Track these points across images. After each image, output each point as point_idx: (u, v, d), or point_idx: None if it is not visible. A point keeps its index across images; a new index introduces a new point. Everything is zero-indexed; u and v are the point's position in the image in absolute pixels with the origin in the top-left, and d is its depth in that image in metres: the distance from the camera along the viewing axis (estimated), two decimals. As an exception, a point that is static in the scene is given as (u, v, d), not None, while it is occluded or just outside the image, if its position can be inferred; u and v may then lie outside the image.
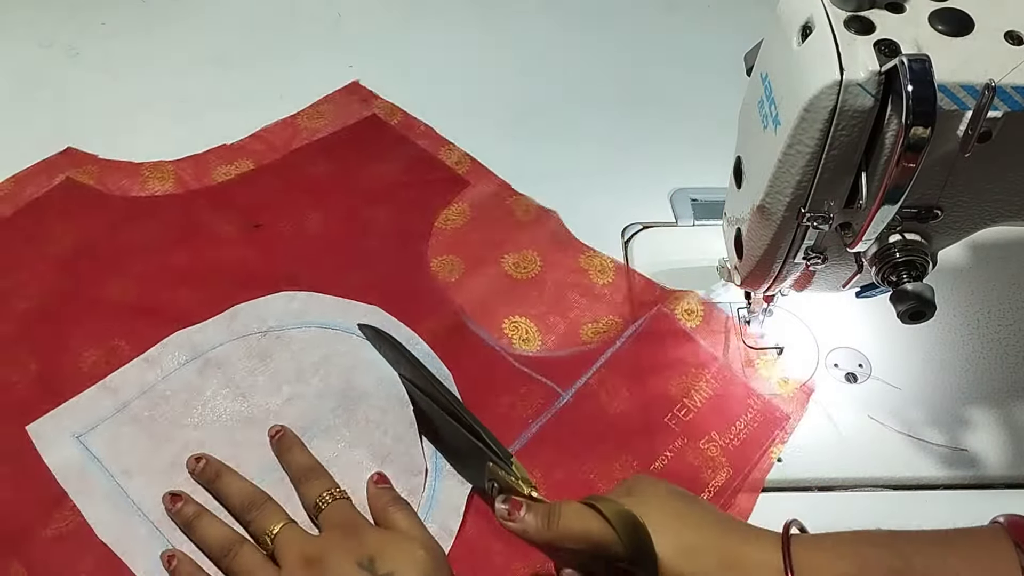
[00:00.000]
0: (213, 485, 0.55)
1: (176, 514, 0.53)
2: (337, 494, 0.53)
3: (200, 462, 0.56)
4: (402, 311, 0.64)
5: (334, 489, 0.53)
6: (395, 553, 0.48)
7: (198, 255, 0.67)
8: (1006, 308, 0.65)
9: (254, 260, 0.67)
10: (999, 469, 0.57)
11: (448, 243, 0.69)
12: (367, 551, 0.48)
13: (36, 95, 0.80)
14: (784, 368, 0.62)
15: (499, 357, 0.62)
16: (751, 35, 0.50)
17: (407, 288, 0.66)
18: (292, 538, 0.51)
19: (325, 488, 0.53)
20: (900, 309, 0.48)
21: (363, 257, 0.68)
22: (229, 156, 0.74)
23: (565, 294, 0.66)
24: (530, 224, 0.71)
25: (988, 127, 0.42)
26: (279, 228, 0.69)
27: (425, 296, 0.65)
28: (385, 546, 0.49)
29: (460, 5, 0.90)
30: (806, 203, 0.47)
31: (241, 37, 0.86)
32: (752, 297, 0.61)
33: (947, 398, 0.60)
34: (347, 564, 0.48)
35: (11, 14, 0.87)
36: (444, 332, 0.63)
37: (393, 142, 0.76)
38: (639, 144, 0.78)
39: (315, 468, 0.55)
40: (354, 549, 0.49)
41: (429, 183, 0.73)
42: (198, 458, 0.56)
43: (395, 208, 0.71)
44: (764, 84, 0.47)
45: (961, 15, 0.43)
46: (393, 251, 0.68)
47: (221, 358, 0.61)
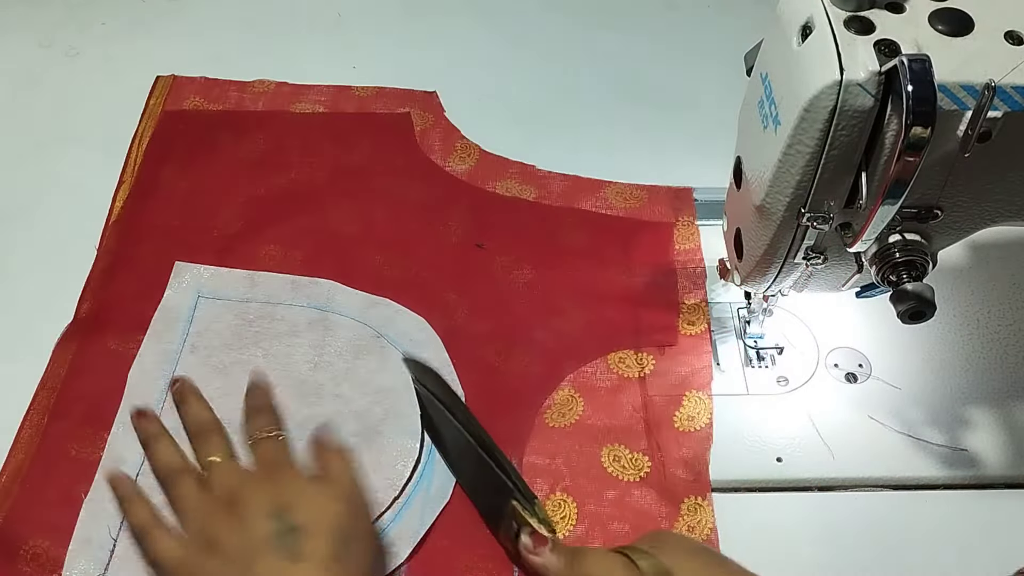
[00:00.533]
0: (179, 408, 0.56)
1: (138, 430, 0.55)
2: (271, 432, 0.53)
3: (176, 384, 0.57)
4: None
5: (271, 427, 0.53)
6: (309, 504, 0.48)
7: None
8: (1006, 308, 0.65)
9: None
10: (999, 469, 0.57)
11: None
12: (284, 497, 0.48)
13: (36, 95, 0.80)
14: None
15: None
16: (751, 35, 0.50)
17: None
18: (224, 472, 0.51)
19: (262, 424, 0.53)
20: (900, 309, 0.48)
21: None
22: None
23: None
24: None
25: (988, 127, 0.42)
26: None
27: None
28: (301, 495, 0.48)
29: (460, 5, 0.90)
30: (806, 203, 0.47)
31: (241, 37, 0.86)
32: (752, 297, 0.61)
33: (947, 398, 0.60)
34: (261, 510, 0.47)
35: (11, 14, 0.87)
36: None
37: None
38: (639, 144, 0.77)
39: (264, 406, 0.56)
40: (272, 493, 0.48)
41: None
42: (175, 380, 0.58)
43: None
44: (764, 84, 0.47)
45: (961, 15, 0.43)
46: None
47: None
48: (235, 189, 0.71)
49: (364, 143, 0.75)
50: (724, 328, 0.64)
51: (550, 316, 0.64)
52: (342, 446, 0.53)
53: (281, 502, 0.48)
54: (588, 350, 0.62)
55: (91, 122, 0.78)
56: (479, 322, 0.64)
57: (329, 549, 0.46)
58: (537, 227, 0.70)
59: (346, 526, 0.47)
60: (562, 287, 0.66)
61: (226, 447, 0.53)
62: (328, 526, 0.47)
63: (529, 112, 0.80)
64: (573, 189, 0.73)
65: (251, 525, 0.47)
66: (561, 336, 0.63)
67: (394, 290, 0.65)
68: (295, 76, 0.82)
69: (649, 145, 0.77)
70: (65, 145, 0.76)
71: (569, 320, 0.64)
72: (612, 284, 0.66)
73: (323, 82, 0.81)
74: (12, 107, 0.78)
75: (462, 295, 0.65)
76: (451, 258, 0.67)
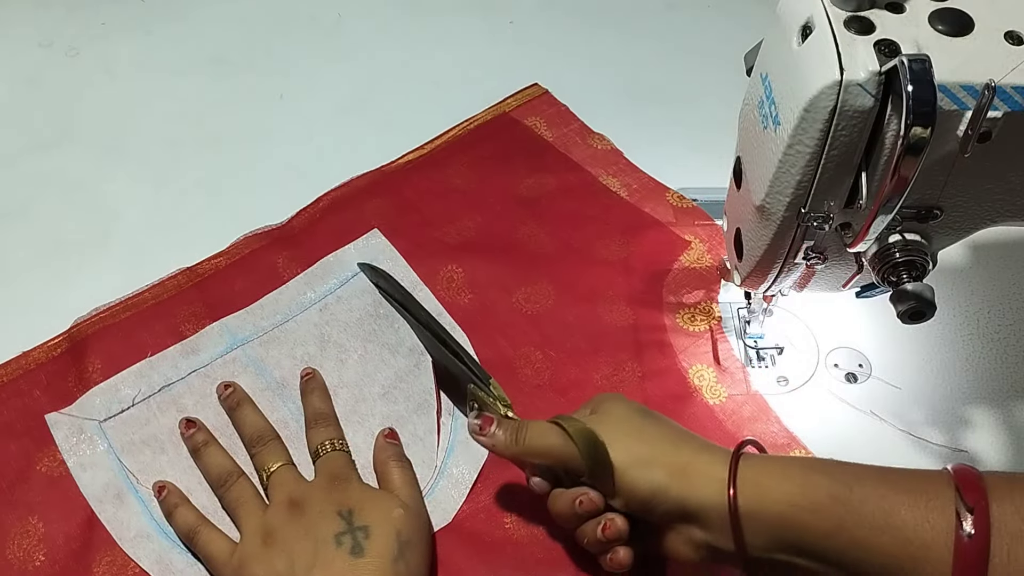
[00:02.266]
0: (233, 414, 0.57)
1: (188, 439, 0.56)
2: (338, 444, 0.55)
3: (228, 389, 0.58)
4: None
5: (337, 440, 0.55)
6: (374, 508, 0.50)
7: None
8: (1006, 308, 0.65)
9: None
10: (999, 469, 0.57)
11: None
12: (349, 503, 0.50)
13: (36, 95, 0.80)
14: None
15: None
16: (751, 35, 0.50)
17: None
18: (285, 478, 0.53)
19: (329, 437, 0.55)
20: (900, 309, 0.48)
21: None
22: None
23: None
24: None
25: (988, 127, 0.42)
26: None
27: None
28: (366, 500, 0.51)
29: (459, 5, 0.90)
30: (806, 203, 0.47)
31: (241, 37, 0.86)
32: (752, 297, 0.61)
33: (947, 398, 0.60)
34: (328, 511, 0.50)
35: (11, 14, 0.87)
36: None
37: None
38: (639, 144, 0.77)
39: (327, 416, 0.57)
40: (337, 499, 0.51)
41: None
42: (227, 384, 0.59)
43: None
44: (764, 84, 0.47)
45: (961, 15, 0.43)
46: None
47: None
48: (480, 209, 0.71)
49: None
50: (724, 328, 0.64)
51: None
52: (402, 454, 0.56)
53: (346, 506, 0.50)
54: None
55: (91, 122, 0.78)
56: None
57: (391, 549, 0.48)
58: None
59: (406, 530, 0.50)
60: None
61: (285, 455, 0.55)
62: (390, 528, 0.49)
63: (529, 112, 0.80)
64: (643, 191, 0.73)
65: (316, 523, 0.49)
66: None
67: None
68: (295, 75, 0.82)
69: (649, 145, 0.77)
70: (65, 145, 0.76)
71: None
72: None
73: (323, 82, 0.81)
74: (12, 107, 0.78)
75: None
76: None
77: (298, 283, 0.65)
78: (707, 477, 0.46)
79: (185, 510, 0.53)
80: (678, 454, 0.47)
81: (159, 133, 0.77)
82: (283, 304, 0.64)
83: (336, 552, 0.48)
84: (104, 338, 0.62)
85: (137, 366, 0.60)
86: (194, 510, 0.54)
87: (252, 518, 0.51)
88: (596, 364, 0.62)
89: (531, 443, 0.49)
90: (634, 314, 0.64)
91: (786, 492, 0.44)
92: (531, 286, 0.66)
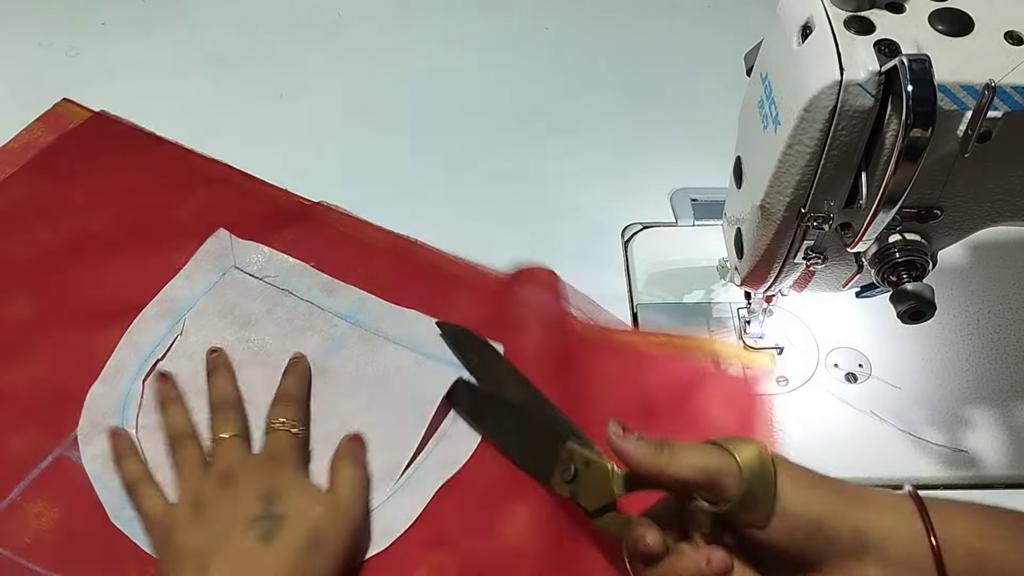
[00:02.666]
0: (209, 377, 0.58)
1: (158, 391, 0.57)
2: (290, 425, 0.54)
3: (213, 353, 0.59)
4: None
5: (291, 421, 0.55)
6: (297, 499, 0.50)
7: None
8: (1006, 308, 0.65)
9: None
10: (999, 469, 0.57)
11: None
12: (276, 488, 0.50)
13: (36, 95, 0.80)
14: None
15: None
16: (751, 35, 0.50)
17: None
18: (229, 449, 0.53)
19: (284, 416, 0.55)
20: (900, 309, 0.48)
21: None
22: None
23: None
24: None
25: (988, 127, 0.42)
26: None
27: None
28: (292, 489, 0.50)
29: (460, 5, 0.90)
30: (806, 203, 0.47)
31: (241, 37, 0.86)
32: (752, 297, 0.61)
33: (947, 398, 0.60)
34: (252, 492, 0.50)
35: (11, 14, 0.87)
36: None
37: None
38: (639, 144, 0.78)
39: (293, 397, 0.56)
40: (267, 482, 0.50)
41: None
42: (213, 349, 0.59)
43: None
44: (764, 84, 0.47)
45: (961, 15, 0.43)
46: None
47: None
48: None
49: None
50: (724, 328, 0.64)
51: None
52: (359, 459, 0.54)
53: (272, 490, 0.50)
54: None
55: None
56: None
57: (301, 543, 0.48)
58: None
59: (323, 528, 0.49)
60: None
61: (239, 426, 0.55)
62: (305, 523, 0.49)
63: (529, 112, 0.80)
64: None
65: (238, 502, 0.49)
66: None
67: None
68: (295, 75, 0.82)
69: (649, 145, 0.77)
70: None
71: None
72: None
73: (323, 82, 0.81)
74: (12, 107, 0.78)
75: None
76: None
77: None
78: (889, 504, 0.41)
79: (131, 461, 0.54)
80: (845, 482, 0.43)
81: (159, 133, 0.76)
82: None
83: (246, 536, 0.48)
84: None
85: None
86: (140, 463, 0.54)
87: (188, 483, 0.52)
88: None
89: (683, 458, 0.42)
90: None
91: (977, 524, 0.41)
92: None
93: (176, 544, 0.49)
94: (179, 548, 0.48)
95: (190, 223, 0.68)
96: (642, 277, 0.68)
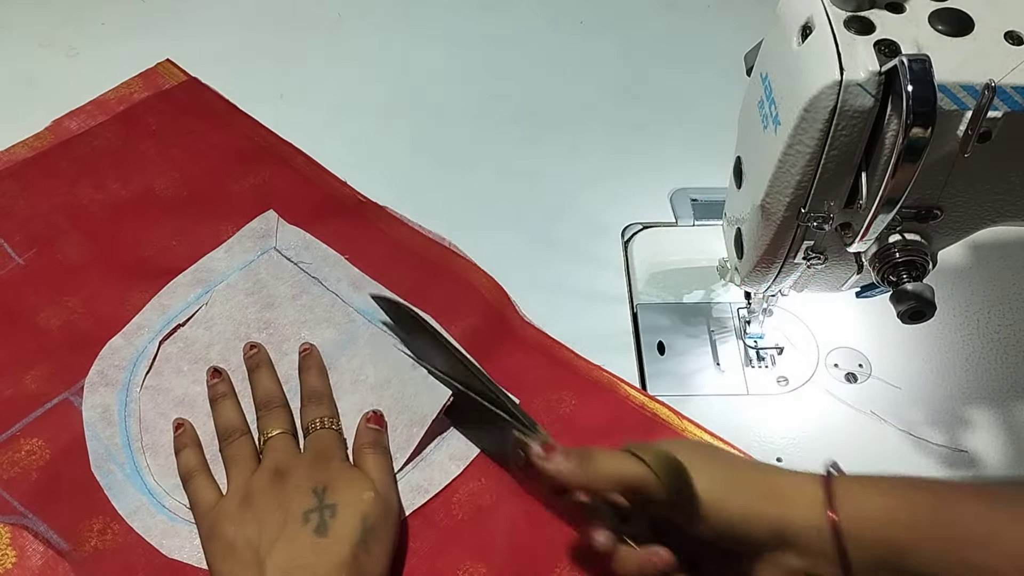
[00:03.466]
0: (251, 375, 0.59)
1: (211, 387, 0.59)
2: (328, 423, 0.56)
3: (252, 349, 0.60)
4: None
5: (328, 418, 0.56)
6: (346, 488, 0.51)
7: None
8: (1006, 308, 0.65)
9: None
10: (999, 469, 0.57)
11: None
12: (325, 480, 0.51)
13: (36, 95, 0.80)
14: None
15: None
16: (751, 35, 0.50)
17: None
18: (279, 446, 0.54)
19: (321, 415, 0.56)
20: (900, 309, 0.48)
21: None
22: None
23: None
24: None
25: (988, 127, 0.42)
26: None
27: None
28: (341, 480, 0.52)
29: (459, 5, 0.90)
30: (806, 203, 0.47)
31: (241, 37, 0.86)
32: (752, 297, 0.61)
33: (947, 398, 0.60)
34: (304, 486, 0.51)
35: (11, 14, 0.87)
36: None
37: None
38: (639, 144, 0.78)
39: (322, 394, 0.58)
40: (317, 476, 0.52)
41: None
42: (253, 345, 0.61)
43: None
44: (764, 84, 0.47)
45: (961, 15, 0.43)
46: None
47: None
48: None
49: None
50: (724, 328, 0.64)
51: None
52: (380, 440, 0.56)
53: (323, 482, 0.51)
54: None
55: (91, 122, 0.78)
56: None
57: (355, 533, 0.49)
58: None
59: (374, 515, 0.50)
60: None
61: (288, 423, 0.56)
62: (357, 510, 0.50)
63: (529, 112, 0.80)
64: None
65: (291, 495, 0.51)
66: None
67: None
68: (295, 75, 0.82)
69: (649, 145, 0.77)
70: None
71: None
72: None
73: (322, 82, 0.81)
74: (12, 107, 0.78)
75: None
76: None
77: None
78: (803, 497, 0.42)
79: (191, 452, 0.55)
80: (762, 474, 0.44)
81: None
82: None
83: (301, 529, 0.49)
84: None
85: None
86: (199, 455, 0.56)
87: (240, 477, 0.53)
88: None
89: (602, 468, 0.44)
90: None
91: (888, 511, 0.42)
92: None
93: (226, 537, 0.50)
94: (230, 540, 0.49)
95: (246, 197, 0.71)
96: (642, 277, 0.68)
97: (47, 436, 0.56)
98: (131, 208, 0.69)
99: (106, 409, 0.57)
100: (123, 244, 0.67)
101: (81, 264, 0.65)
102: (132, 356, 0.60)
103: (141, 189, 0.70)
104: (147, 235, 0.67)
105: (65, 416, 0.57)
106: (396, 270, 0.66)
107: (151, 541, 0.53)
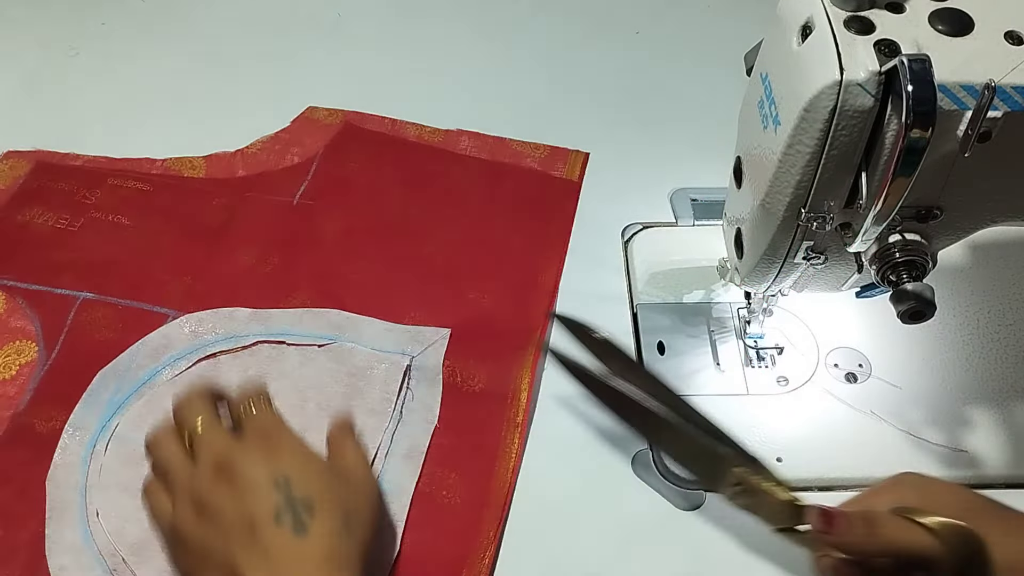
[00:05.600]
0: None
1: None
2: (262, 402, 0.50)
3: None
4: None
5: (262, 397, 0.50)
6: (314, 476, 0.46)
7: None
8: (1006, 308, 0.65)
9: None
10: (999, 469, 0.58)
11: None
12: (285, 469, 0.46)
13: (36, 95, 0.80)
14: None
15: None
16: (751, 35, 0.50)
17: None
18: (208, 438, 0.47)
19: (250, 397, 0.50)
20: (900, 309, 0.48)
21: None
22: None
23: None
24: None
25: (988, 127, 0.42)
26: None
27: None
28: (306, 466, 0.47)
29: (459, 5, 0.90)
30: (806, 203, 0.47)
31: (241, 37, 0.86)
32: (752, 297, 0.61)
33: (947, 398, 0.60)
34: (261, 481, 0.45)
35: (11, 14, 0.87)
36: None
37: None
38: (639, 144, 0.78)
39: (254, 386, 0.51)
40: (272, 465, 0.46)
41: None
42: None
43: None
44: (764, 84, 0.47)
45: (961, 15, 0.43)
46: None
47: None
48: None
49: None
50: (724, 328, 0.64)
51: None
52: (354, 431, 0.53)
53: (280, 473, 0.46)
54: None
55: (91, 122, 0.78)
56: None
57: (336, 525, 0.45)
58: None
59: (352, 499, 0.47)
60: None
61: (210, 410, 0.49)
62: (334, 499, 0.46)
63: (528, 112, 0.80)
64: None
65: (251, 494, 0.45)
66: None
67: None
68: (295, 75, 0.82)
69: (649, 145, 0.77)
70: (64, 145, 0.76)
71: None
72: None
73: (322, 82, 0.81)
74: (12, 107, 0.78)
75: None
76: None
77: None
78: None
79: (152, 466, 0.49)
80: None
81: (160, 134, 0.76)
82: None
83: (276, 531, 0.43)
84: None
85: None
86: (157, 468, 0.49)
87: (177, 484, 0.47)
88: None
89: (892, 538, 0.42)
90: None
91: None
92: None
93: (193, 551, 0.45)
94: (199, 553, 0.45)
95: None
96: (642, 277, 0.68)
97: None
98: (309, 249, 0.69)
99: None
100: (260, 277, 0.67)
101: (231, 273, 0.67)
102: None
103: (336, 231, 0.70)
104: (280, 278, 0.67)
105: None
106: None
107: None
